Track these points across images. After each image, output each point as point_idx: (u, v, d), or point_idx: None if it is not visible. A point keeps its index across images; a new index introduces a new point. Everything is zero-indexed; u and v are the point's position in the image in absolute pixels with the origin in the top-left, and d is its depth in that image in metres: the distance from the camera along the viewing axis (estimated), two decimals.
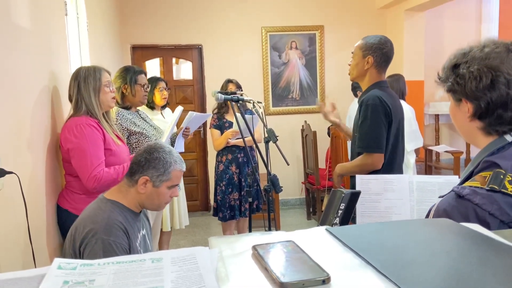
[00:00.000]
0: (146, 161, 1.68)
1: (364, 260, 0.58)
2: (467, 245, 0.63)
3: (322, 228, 0.72)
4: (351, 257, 0.60)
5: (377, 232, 0.70)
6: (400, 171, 2.14)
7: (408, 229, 0.71)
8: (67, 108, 2.21)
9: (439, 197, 1.02)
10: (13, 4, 1.65)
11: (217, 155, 3.65)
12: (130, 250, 1.62)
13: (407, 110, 3.15)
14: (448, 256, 0.59)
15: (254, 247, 0.64)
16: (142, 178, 1.67)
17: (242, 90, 3.43)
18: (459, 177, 1.59)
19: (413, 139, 3.29)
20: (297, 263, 0.59)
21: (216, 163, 3.67)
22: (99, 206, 1.65)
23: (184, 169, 1.78)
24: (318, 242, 0.67)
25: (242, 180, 3.57)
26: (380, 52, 2.10)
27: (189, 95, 5.40)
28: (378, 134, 2.02)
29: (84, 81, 2.06)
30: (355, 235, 0.68)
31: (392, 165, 2.09)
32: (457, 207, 0.94)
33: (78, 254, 1.57)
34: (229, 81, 3.61)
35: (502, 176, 0.91)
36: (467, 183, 0.97)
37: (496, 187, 0.91)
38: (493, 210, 0.89)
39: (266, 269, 0.57)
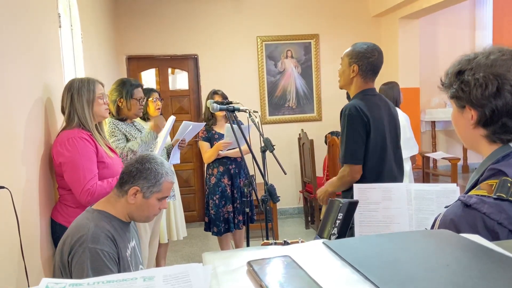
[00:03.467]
0: (138, 172, 1.65)
1: (362, 276, 0.57)
2: (467, 257, 0.62)
3: (319, 242, 0.70)
4: (349, 272, 0.58)
5: (375, 245, 0.69)
6: (391, 179, 2.09)
7: (407, 242, 0.69)
8: (61, 121, 2.19)
9: (445, 207, 1.00)
10: (6, 16, 1.64)
11: (208, 168, 3.58)
12: (119, 260, 1.59)
13: (402, 117, 3.14)
14: (448, 270, 0.57)
15: (249, 263, 0.62)
16: (133, 188, 1.64)
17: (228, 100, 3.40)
18: (457, 185, 1.58)
19: (408, 147, 3.29)
20: (293, 280, 0.57)
21: (207, 176, 3.59)
22: (86, 216, 1.63)
23: (174, 181, 1.76)
24: (315, 256, 0.65)
25: (235, 192, 3.51)
26: (366, 61, 2.04)
27: (185, 105, 5.39)
28: (354, 145, 2.00)
29: (78, 93, 2.03)
30: (353, 248, 0.67)
31: (381, 174, 2.05)
32: (464, 217, 0.92)
33: (67, 265, 1.54)
34: (214, 92, 3.54)
35: (509, 184, 0.90)
36: (473, 192, 0.95)
37: (503, 195, 0.89)
38: (502, 219, 0.87)
39: (261, 286, 0.56)
